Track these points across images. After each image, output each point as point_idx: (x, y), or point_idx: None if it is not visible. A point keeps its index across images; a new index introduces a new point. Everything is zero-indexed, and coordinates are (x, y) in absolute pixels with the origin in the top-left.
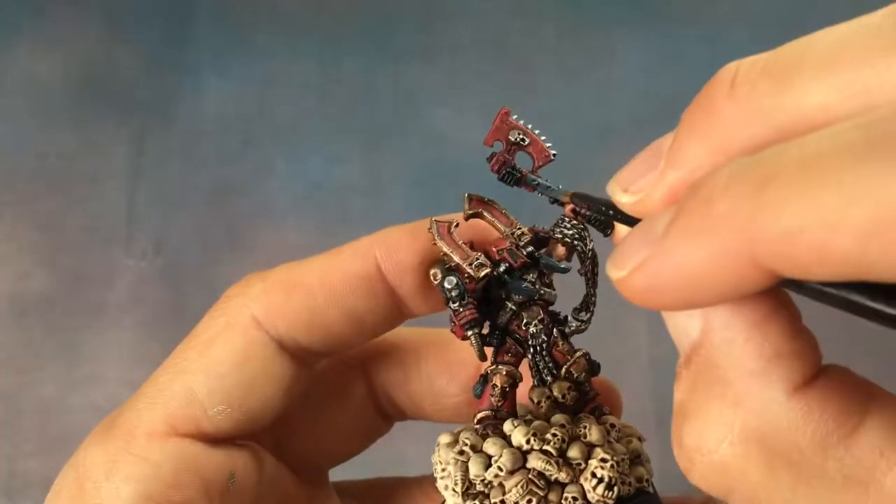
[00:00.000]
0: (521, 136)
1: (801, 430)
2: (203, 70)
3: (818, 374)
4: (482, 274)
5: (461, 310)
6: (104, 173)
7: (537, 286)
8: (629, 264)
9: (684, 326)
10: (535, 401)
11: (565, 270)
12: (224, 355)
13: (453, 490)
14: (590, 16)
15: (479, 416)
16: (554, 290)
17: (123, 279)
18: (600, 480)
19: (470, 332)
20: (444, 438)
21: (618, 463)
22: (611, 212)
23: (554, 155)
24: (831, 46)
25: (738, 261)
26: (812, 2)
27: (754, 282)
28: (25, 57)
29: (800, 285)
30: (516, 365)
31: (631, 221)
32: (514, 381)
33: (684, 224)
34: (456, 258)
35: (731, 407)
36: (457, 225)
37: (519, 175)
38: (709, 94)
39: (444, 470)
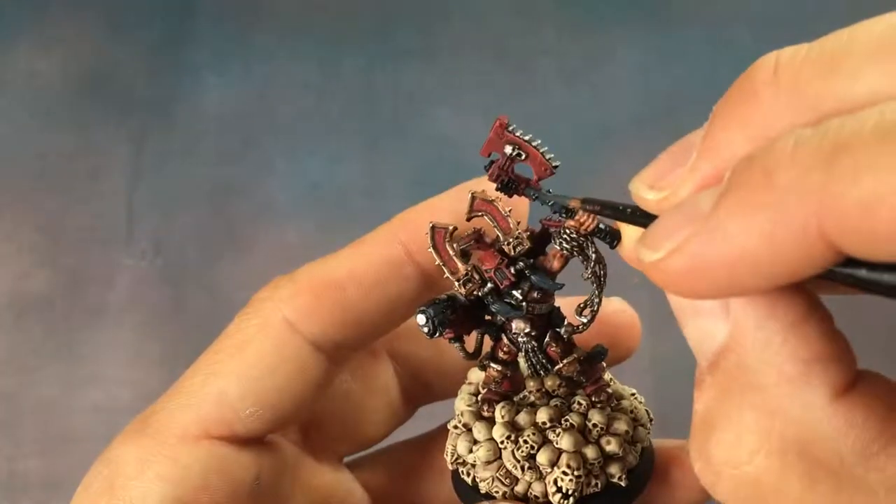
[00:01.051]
0: (517, 150)
1: (843, 438)
2: (203, 70)
3: (856, 379)
4: (466, 291)
5: (439, 335)
6: (104, 173)
7: (524, 304)
8: (667, 245)
9: (709, 329)
10: (530, 390)
11: (557, 287)
12: (257, 358)
13: (447, 455)
14: (590, 16)
15: (483, 393)
16: (548, 301)
17: (123, 279)
18: (558, 490)
19: (455, 345)
20: (472, 376)
21: (583, 473)
22: (628, 210)
23: (556, 167)
24: (881, 34)
25: (802, 236)
26: (812, 2)
27: (815, 261)
28: (25, 57)
29: (834, 273)
30: (512, 357)
31: (649, 223)
32: (505, 375)
33: (739, 197)
34: (446, 272)
35: (767, 415)
36: (455, 230)
37: (517, 185)
38: (749, 80)
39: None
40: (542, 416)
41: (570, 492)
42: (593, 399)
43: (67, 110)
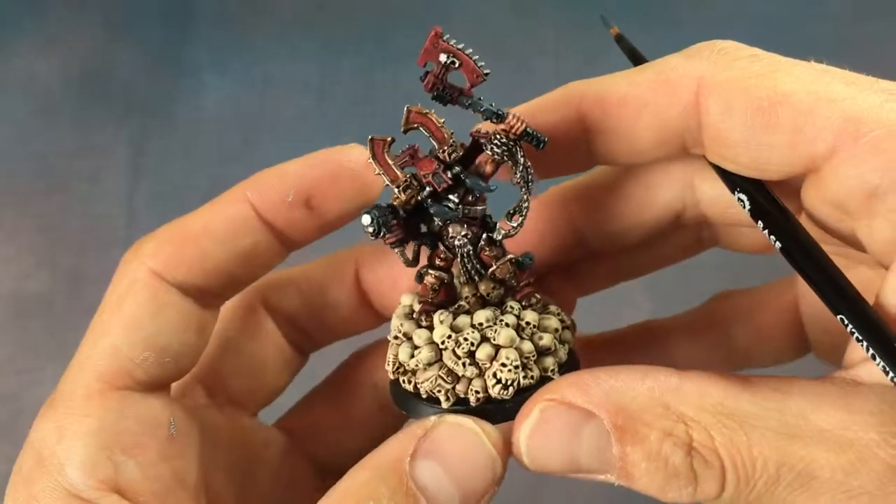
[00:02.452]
0: (451, 59)
1: (711, 392)
2: (203, 70)
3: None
4: (406, 197)
5: (384, 237)
6: (104, 173)
7: (460, 207)
8: None
9: (596, 432)
10: (465, 296)
11: (490, 190)
12: (135, 309)
13: (388, 365)
14: (590, 16)
15: (419, 306)
16: (482, 204)
17: None
18: (498, 381)
19: (396, 250)
20: (405, 299)
21: (520, 364)
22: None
23: (487, 74)
24: None
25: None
26: (812, 2)
27: None
28: (25, 57)
29: None
30: (448, 264)
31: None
32: (442, 280)
33: None
34: (386, 179)
35: (668, 412)
36: (392, 141)
37: (451, 94)
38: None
39: (393, 336)
40: (480, 317)
41: (508, 382)
42: (523, 303)
43: (67, 110)
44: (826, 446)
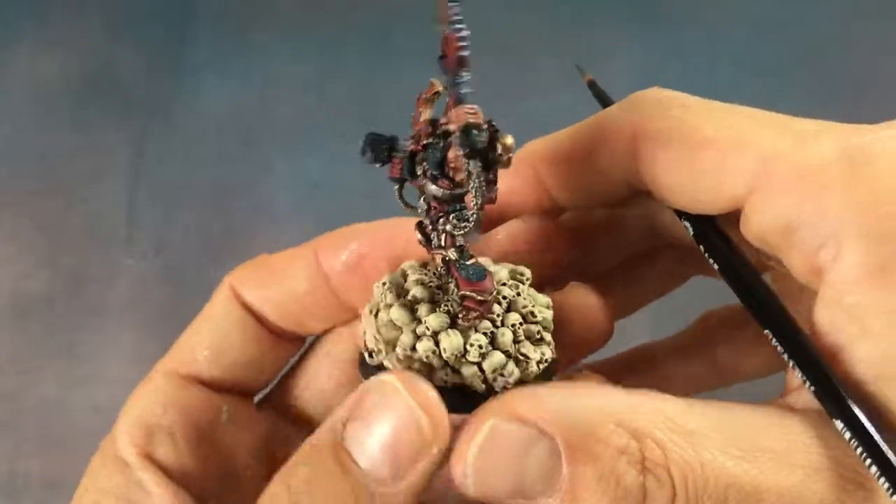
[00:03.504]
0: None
1: (664, 403)
2: (203, 70)
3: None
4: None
5: (370, 162)
6: (104, 173)
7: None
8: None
9: (547, 451)
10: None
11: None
12: (210, 313)
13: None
14: (590, 15)
15: (417, 284)
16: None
17: (123, 279)
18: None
19: (395, 187)
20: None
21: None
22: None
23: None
24: None
25: None
26: (812, 2)
27: None
28: (25, 57)
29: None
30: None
31: None
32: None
33: None
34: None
35: (619, 426)
36: (437, 93)
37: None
38: None
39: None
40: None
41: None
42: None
43: (67, 110)
44: (773, 467)
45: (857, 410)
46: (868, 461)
